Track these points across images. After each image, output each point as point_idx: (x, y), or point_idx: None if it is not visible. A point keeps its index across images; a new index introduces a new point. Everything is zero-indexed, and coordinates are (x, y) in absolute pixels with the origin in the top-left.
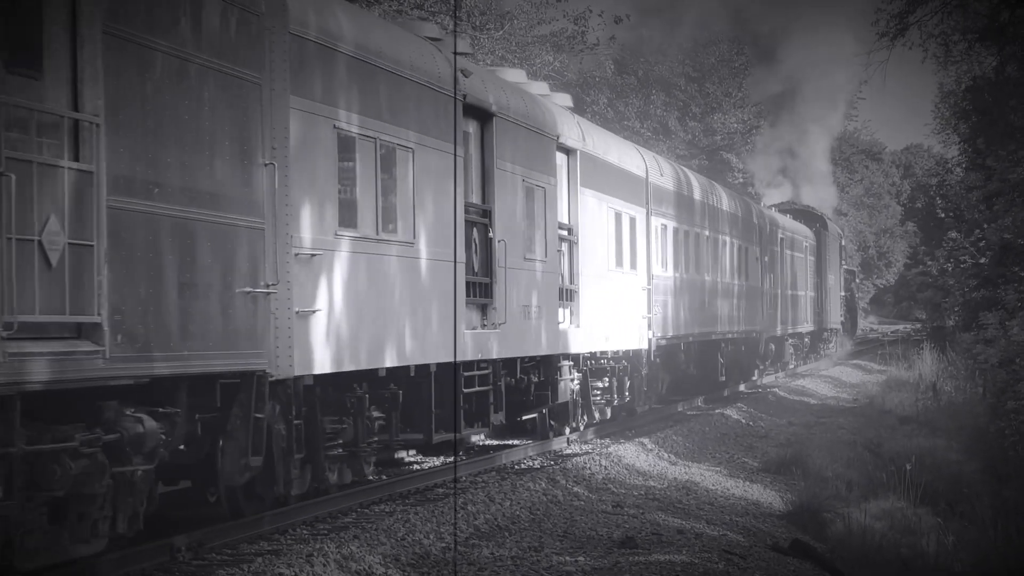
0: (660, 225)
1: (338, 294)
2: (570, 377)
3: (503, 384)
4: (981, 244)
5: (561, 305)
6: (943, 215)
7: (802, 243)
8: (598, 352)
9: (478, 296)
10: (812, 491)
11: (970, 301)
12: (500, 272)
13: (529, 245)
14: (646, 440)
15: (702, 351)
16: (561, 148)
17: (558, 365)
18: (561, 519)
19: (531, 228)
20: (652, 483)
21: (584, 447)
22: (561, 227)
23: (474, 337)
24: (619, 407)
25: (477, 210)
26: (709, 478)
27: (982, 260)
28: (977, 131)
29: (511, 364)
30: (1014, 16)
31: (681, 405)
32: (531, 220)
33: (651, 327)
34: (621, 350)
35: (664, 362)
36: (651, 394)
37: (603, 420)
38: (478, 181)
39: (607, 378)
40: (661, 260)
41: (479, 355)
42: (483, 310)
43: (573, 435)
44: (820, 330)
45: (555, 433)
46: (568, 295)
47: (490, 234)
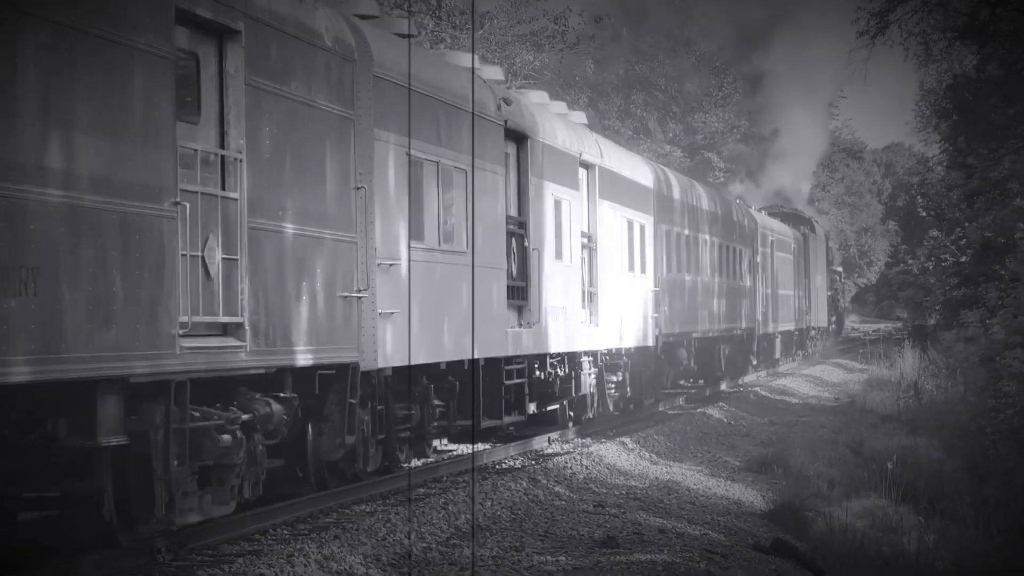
0: (666, 231)
1: (413, 298)
2: (589, 371)
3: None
4: (962, 242)
5: (582, 306)
6: (924, 213)
7: (790, 245)
8: (613, 349)
9: (515, 299)
10: (793, 490)
11: (951, 299)
12: (534, 277)
13: (557, 252)
14: (627, 440)
15: (702, 347)
16: (582, 164)
17: (579, 360)
18: (542, 519)
19: (558, 237)
20: (633, 482)
21: (565, 447)
22: (582, 235)
23: (513, 335)
24: (629, 399)
25: (514, 222)
26: (691, 477)
27: (963, 258)
28: (958, 129)
29: (541, 359)
30: (994, 14)
31: (662, 405)
32: (558, 230)
33: (658, 325)
34: (633, 347)
35: (668, 357)
36: (657, 387)
37: (616, 411)
38: (515, 196)
39: (620, 372)
40: (667, 263)
41: (517, 351)
42: (519, 311)
43: (556, 434)
44: (808, 328)
45: (573, 423)
46: (589, 297)
47: (526, 243)
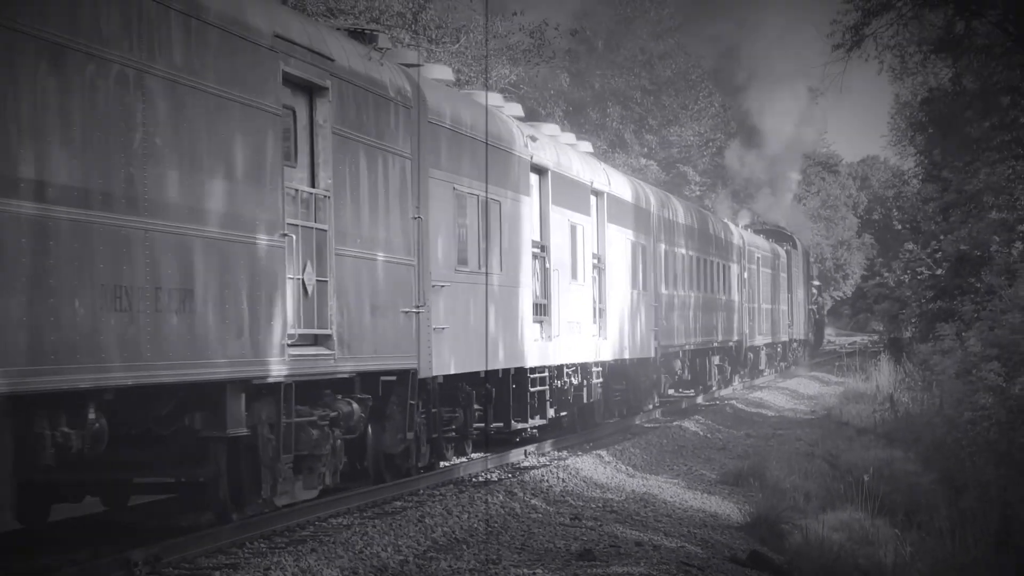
0: (665, 251)
1: (456, 314)
2: (598, 380)
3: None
4: (938, 255)
5: (593, 321)
6: (900, 227)
7: (774, 261)
8: (618, 359)
9: (538, 314)
10: (770, 502)
11: (927, 312)
12: (554, 295)
13: (573, 273)
14: (603, 452)
15: (694, 358)
16: (593, 192)
17: (590, 370)
18: (519, 532)
19: (574, 259)
20: (610, 495)
21: (542, 460)
22: (594, 256)
23: (538, 347)
24: (632, 405)
25: (537, 245)
26: (667, 490)
27: (939, 271)
28: (933, 143)
29: (559, 369)
30: (969, 28)
31: (639, 418)
32: (574, 252)
33: (656, 338)
34: (636, 357)
35: (665, 366)
36: (655, 394)
37: (619, 416)
38: (538, 222)
39: (624, 381)
40: (666, 280)
41: (541, 362)
42: (541, 325)
43: (532, 447)
44: (791, 340)
45: (581, 427)
46: (599, 312)
47: (547, 265)
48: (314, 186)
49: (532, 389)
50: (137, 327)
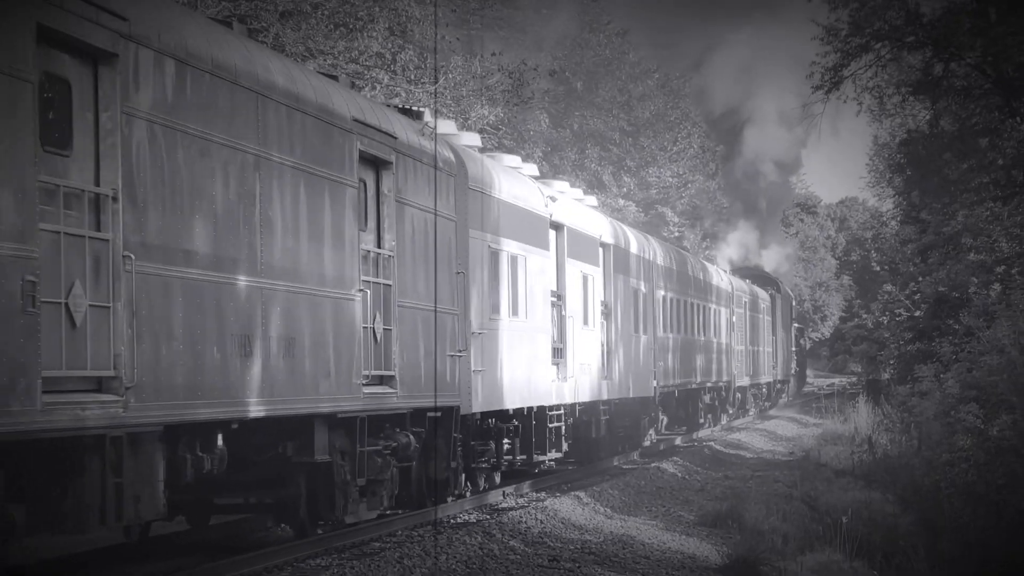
0: (662, 296)
1: (491, 358)
2: (605, 418)
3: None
4: (916, 297)
5: (601, 363)
6: (878, 268)
7: (760, 304)
8: (623, 398)
9: (556, 357)
10: (748, 544)
11: (905, 354)
12: (569, 340)
13: (584, 319)
14: (581, 494)
15: (688, 397)
16: (601, 244)
17: (598, 408)
18: (497, 573)
19: (585, 306)
20: (588, 537)
21: (520, 500)
22: (602, 304)
23: (555, 387)
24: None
25: (555, 295)
26: (645, 532)
27: (917, 313)
28: (912, 184)
29: (572, 407)
30: (947, 70)
31: (617, 459)
32: (585, 300)
33: (655, 378)
34: (638, 396)
35: (662, 404)
36: (653, 431)
37: (622, 451)
38: (554, 274)
39: (627, 419)
40: (664, 324)
41: (558, 401)
42: (558, 367)
43: (511, 488)
44: (775, 380)
45: (587, 461)
46: (606, 355)
47: (563, 312)
48: (380, 247)
49: (550, 425)
50: (257, 369)
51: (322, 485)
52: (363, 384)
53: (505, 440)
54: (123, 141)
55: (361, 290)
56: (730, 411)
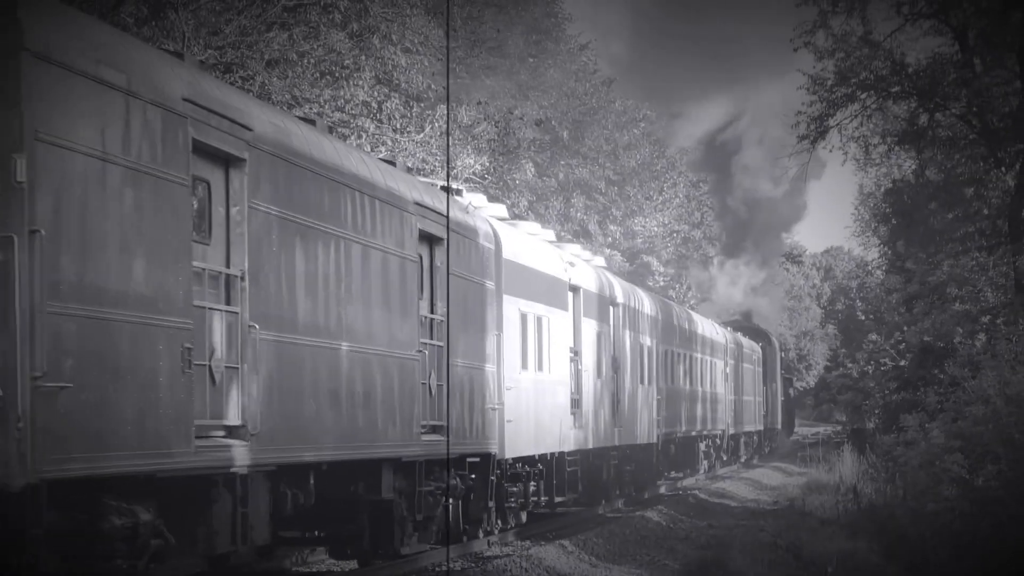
0: (664, 350)
1: (522, 409)
2: (614, 463)
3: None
4: (901, 347)
5: (612, 413)
6: (863, 317)
7: (752, 356)
8: (630, 444)
9: (573, 407)
10: None
11: (890, 403)
12: (584, 391)
13: (597, 372)
14: (566, 542)
15: (686, 444)
16: (611, 303)
17: (609, 453)
18: None
19: (598, 360)
20: None
21: (504, 549)
22: (612, 357)
23: (573, 435)
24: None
25: (572, 351)
26: None
27: (902, 363)
28: (897, 234)
29: (586, 452)
30: (932, 120)
31: (601, 508)
32: (598, 354)
33: (659, 426)
34: (643, 443)
35: (663, 450)
36: (658, 475)
37: (630, 492)
38: (571, 331)
39: (632, 464)
40: (665, 376)
41: (575, 447)
42: (575, 416)
43: (494, 537)
44: (766, 429)
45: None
46: (615, 404)
47: (579, 366)
48: (433, 312)
49: (568, 469)
50: (343, 419)
51: (383, 520)
52: (421, 433)
53: (531, 483)
54: (248, 230)
55: (420, 351)
56: (724, 457)
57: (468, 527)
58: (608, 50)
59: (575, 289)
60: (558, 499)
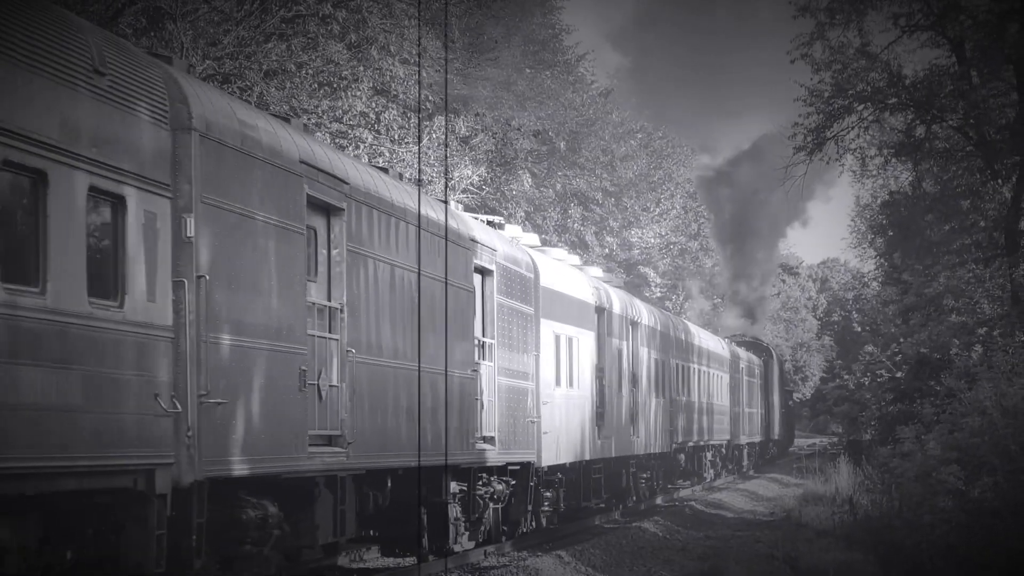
0: (676, 364)
1: (556, 422)
2: (633, 470)
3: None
4: (898, 358)
5: (632, 423)
6: (859, 329)
7: (754, 370)
8: (647, 453)
9: (598, 420)
10: None
11: (886, 415)
12: (607, 404)
13: (619, 386)
14: (563, 553)
15: (694, 452)
16: (631, 323)
17: (628, 461)
18: None
19: (619, 375)
20: None
21: (502, 560)
22: (631, 372)
23: (598, 445)
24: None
25: (597, 368)
26: None
27: (898, 374)
28: (893, 245)
29: (608, 460)
30: (929, 132)
31: (598, 518)
32: (619, 371)
33: (673, 436)
34: (658, 452)
35: (676, 459)
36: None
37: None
38: (595, 349)
39: (649, 471)
40: (677, 389)
41: (601, 455)
42: (599, 428)
43: (492, 548)
44: (767, 440)
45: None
46: (633, 416)
47: (603, 382)
48: (484, 335)
49: (594, 476)
50: (416, 431)
51: (439, 521)
52: (477, 444)
53: (562, 489)
54: (345, 268)
55: (476, 370)
56: (729, 466)
57: (507, 528)
58: (608, 61)
59: (600, 311)
60: (585, 504)
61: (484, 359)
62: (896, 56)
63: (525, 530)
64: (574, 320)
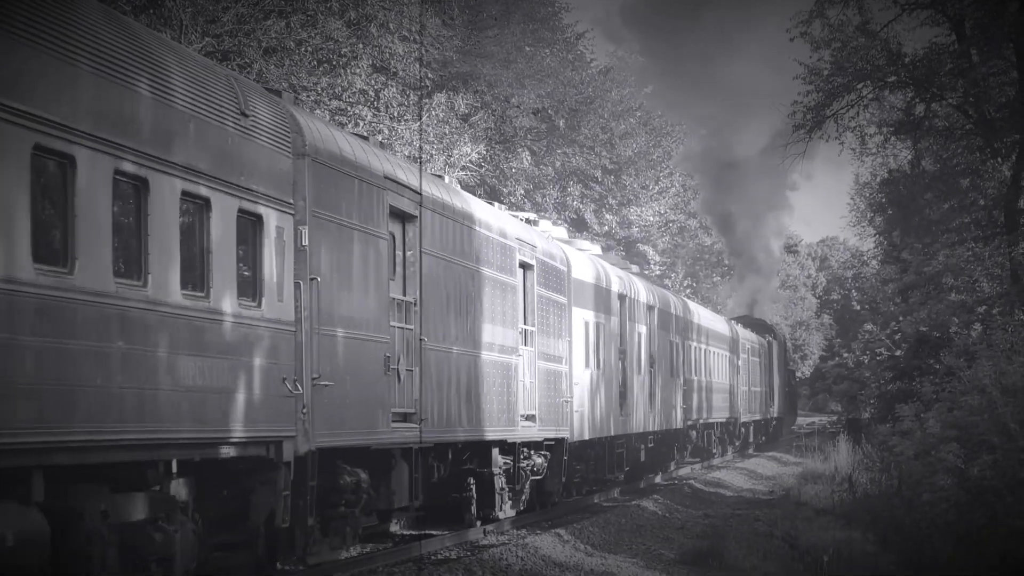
0: (688, 346)
1: (585, 401)
2: (651, 446)
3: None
4: (897, 336)
5: (649, 402)
6: (859, 307)
7: (758, 349)
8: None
9: (621, 399)
10: None
11: (886, 393)
12: (629, 384)
13: (638, 368)
14: (562, 531)
15: (703, 429)
16: (648, 307)
17: (647, 437)
18: None
19: (639, 358)
20: (568, 574)
21: (501, 538)
22: (650, 355)
23: (621, 422)
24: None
25: (619, 351)
26: (626, 569)
27: (898, 352)
28: (893, 224)
29: (629, 436)
30: (929, 110)
31: (597, 497)
32: (639, 353)
33: (686, 414)
34: (672, 428)
35: (687, 436)
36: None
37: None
38: (618, 333)
39: (663, 447)
40: (693, 369)
41: (623, 431)
42: (622, 406)
43: (491, 526)
44: (770, 418)
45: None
46: (650, 395)
47: (625, 363)
48: (526, 324)
49: (616, 451)
50: (474, 409)
51: (487, 490)
52: (520, 420)
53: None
54: (419, 268)
55: (520, 355)
56: (736, 443)
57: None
58: (617, 35)
59: (622, 297)
60: (609, 476)
61: (526, 345)
62: (896, 34)
63: (557, 500)
64: (601, 307)
